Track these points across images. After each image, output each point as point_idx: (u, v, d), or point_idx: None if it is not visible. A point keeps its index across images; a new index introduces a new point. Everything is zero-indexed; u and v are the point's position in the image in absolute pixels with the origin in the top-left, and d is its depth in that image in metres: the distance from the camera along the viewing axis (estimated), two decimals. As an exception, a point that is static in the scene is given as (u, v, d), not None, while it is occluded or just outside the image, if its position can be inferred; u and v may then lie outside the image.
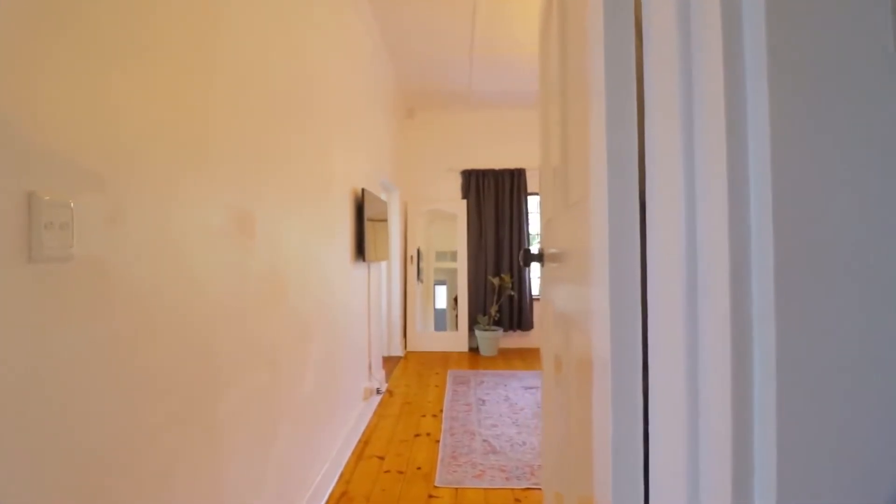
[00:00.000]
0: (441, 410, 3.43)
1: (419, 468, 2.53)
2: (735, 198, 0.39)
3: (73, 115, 0.79)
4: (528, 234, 5.57)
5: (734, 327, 0.38)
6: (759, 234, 0.38)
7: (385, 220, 4.01)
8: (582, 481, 0.89)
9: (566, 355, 1.10)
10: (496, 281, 5.40)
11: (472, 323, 5.50)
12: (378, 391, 3.60)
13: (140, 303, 0.96)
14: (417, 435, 2.99)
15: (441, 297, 6.45)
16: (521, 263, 1.39)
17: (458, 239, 5.56)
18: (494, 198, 5.55)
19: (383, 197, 4.30)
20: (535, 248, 1.77)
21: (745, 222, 0.39)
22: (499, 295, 5.44)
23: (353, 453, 2.71)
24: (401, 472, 2.48)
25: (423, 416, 3.34)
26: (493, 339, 5.21)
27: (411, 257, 5.53)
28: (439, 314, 6.37)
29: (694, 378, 0.44)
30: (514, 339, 5.60)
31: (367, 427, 3.12)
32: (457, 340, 5.51)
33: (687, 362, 0.45)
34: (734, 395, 0.38)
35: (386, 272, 5.06)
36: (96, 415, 0.83)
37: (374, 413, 3.38)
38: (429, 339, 5.59)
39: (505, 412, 3.38)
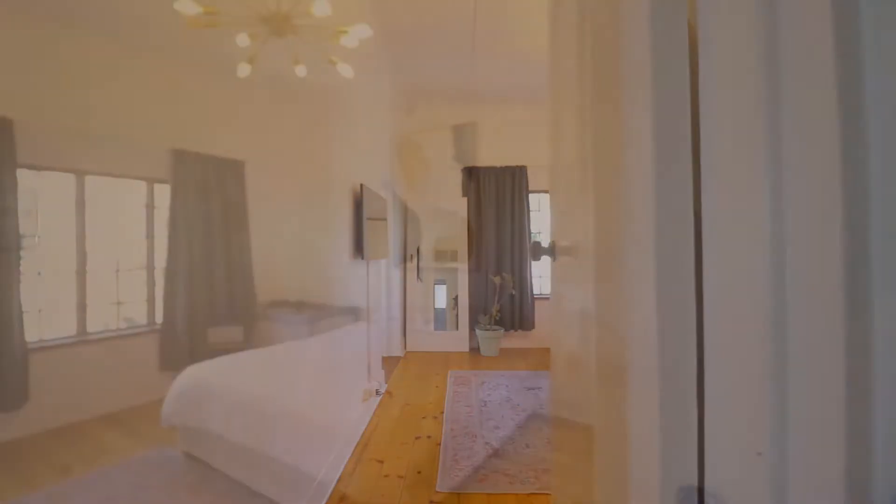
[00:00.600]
0: (442, 412, 3.35)
1: (419, 472, 2.45)
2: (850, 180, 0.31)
3: (53, 98, 0.70)
4: (530, 233, 5.48)
5: (848, 343, 0.30)
6: (881, 223, 0.30)
7: (384, 218, 3.93)
8: (611, 491, 0.82)
9: (584, 356, 1.02)
10: (497, 280, 5.31)
11: (473, 322, 5.42)
12: (377, 392, 3.52)
13: (123, 297, 0.87)
14: (418, 437, 2.91)
15: (441, 297, 6.36)
16: (531, 258, 1.31)
17: (458, 237, 5.47)
18: (495, 196, 5.46)
19: (383, 194, 4.22)
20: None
21: (863, 213, 0.31)
22: (500, 294, 5.36)
23: (351, 456, 2.62)
24: (400, 477, 2.40)
25: (424, 417, 3.26)
26: (494, 339, 5.13)
27: (411, 256, 5.44)
28: (439, 314, 6.29)
29: (783, 394, 0.36)
30: (516, 339, 5.52)
31: (367, 429, 3.03)
32: (457, 340, 5.42)
33: (772, 375, 0.37)
34: (848, 420, 0.30)
35: (385, 271, 4.97)
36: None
37: (374, 414, 3.30)
38: (429, 339, 5.50)
39: (507, 414, 3.31)
